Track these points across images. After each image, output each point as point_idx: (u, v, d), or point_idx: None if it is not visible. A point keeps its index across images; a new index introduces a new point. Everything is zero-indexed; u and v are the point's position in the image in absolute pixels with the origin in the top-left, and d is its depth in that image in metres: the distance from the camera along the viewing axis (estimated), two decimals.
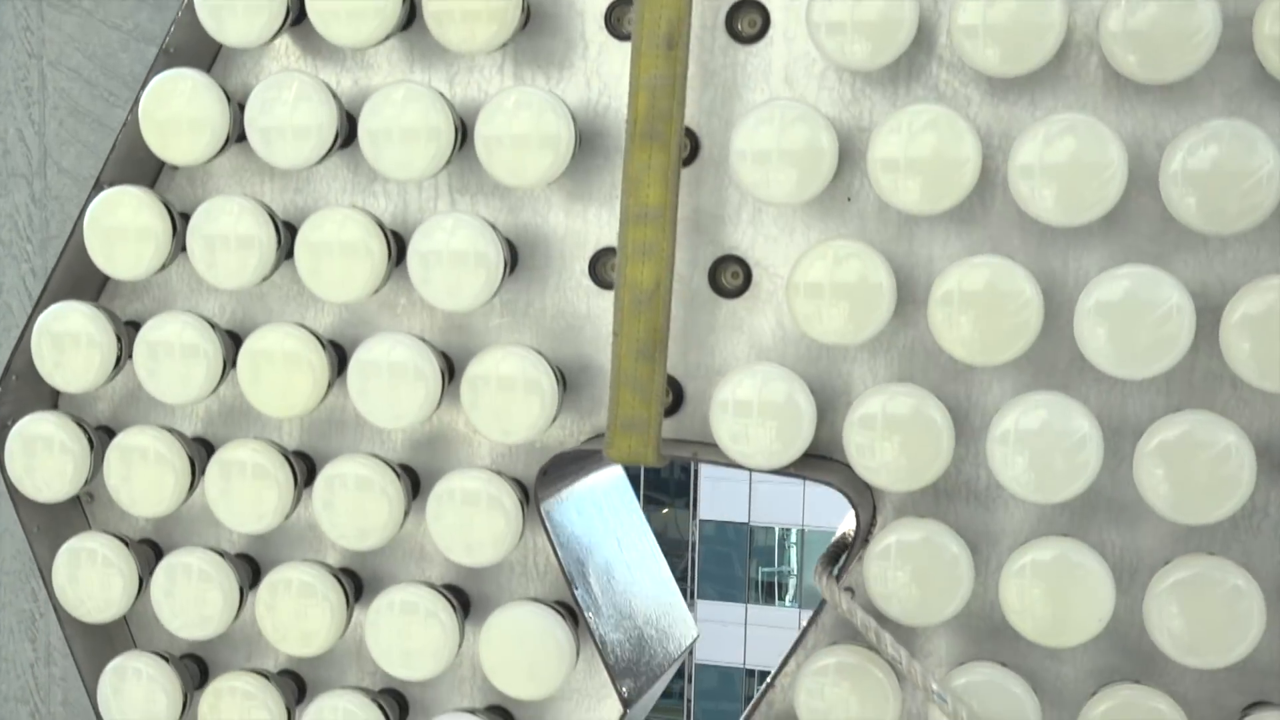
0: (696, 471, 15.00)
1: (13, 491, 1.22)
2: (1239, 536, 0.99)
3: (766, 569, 16.44)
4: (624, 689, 1.11)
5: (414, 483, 1.17)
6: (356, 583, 1.20)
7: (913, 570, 1.00)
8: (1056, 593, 0.97)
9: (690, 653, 1.34)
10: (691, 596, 15.08)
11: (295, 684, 1.23)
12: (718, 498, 15.96)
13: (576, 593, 1.10)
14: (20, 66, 1.40)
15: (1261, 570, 0.97)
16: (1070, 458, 0.96)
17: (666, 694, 1.37)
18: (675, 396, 1.11)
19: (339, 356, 1.16)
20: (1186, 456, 0.93)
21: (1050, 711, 1.03)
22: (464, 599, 1.17)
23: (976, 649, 1.04)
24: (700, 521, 16.18)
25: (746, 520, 16.07)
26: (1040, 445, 0.96)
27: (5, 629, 1.47)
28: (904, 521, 1.02)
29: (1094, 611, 0.97)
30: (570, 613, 1.13)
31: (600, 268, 1.13)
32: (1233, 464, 0.92)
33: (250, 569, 1.22)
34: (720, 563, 16.29)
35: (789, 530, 16.13)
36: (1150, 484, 0.94)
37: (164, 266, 1.17)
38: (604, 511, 1.26)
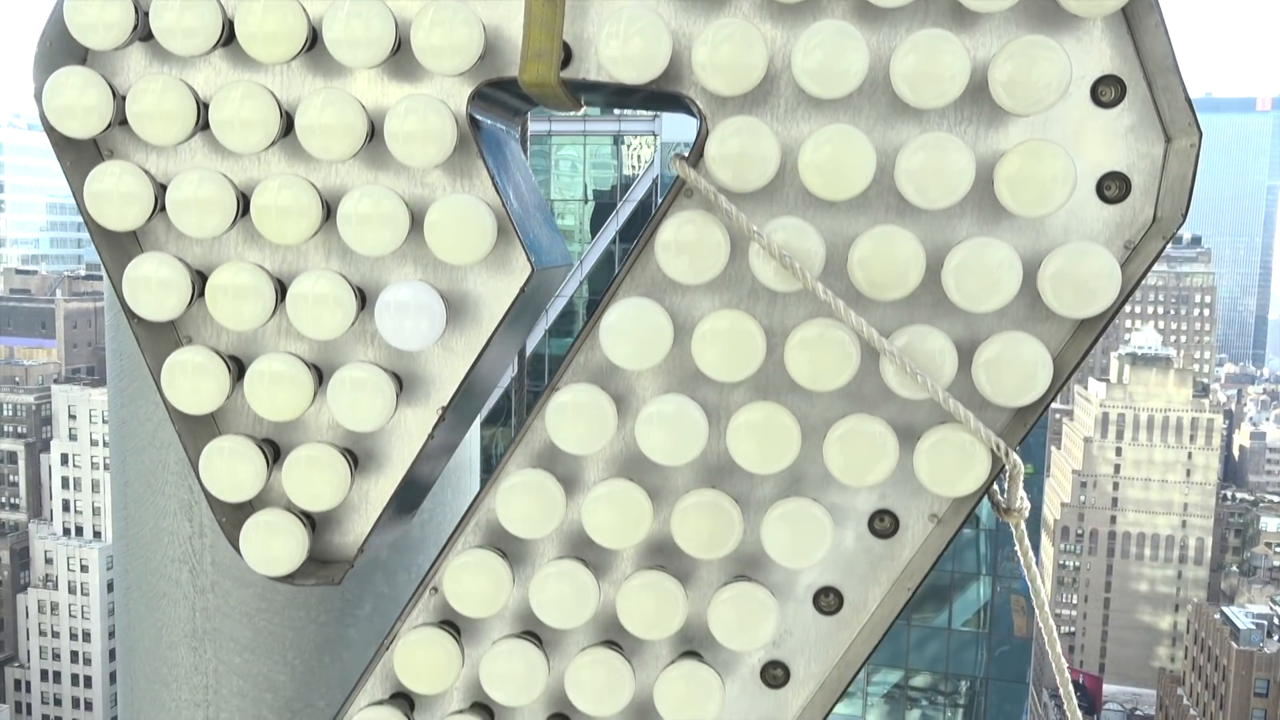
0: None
1: (49, 130, 1.45)
2: None
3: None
4: (530, 255, 1.41)
5: (373, 130, 1.44)
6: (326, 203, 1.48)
7: (738, 148, 1.31)
8: (834, 159, 1.30)
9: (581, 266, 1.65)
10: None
11: (282, 284, 1.50)
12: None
13: (496, 182, 1.40)
14: None
15: None
16: (843, 66, 1.28)
17: None
18: (568, 54, 1.40)
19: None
20: None
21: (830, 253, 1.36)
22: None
23: (784, 211, 1.37)
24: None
25: None
26: (822, 75, 1.28)
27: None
28: (732, 119, 1.33)
29: (864, 166, 1.29)
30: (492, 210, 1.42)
31: None
32: None
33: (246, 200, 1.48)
34: None
35: None
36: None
37: None
38: (513, 160, 1.56)
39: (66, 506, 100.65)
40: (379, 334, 1.44)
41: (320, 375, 1.50)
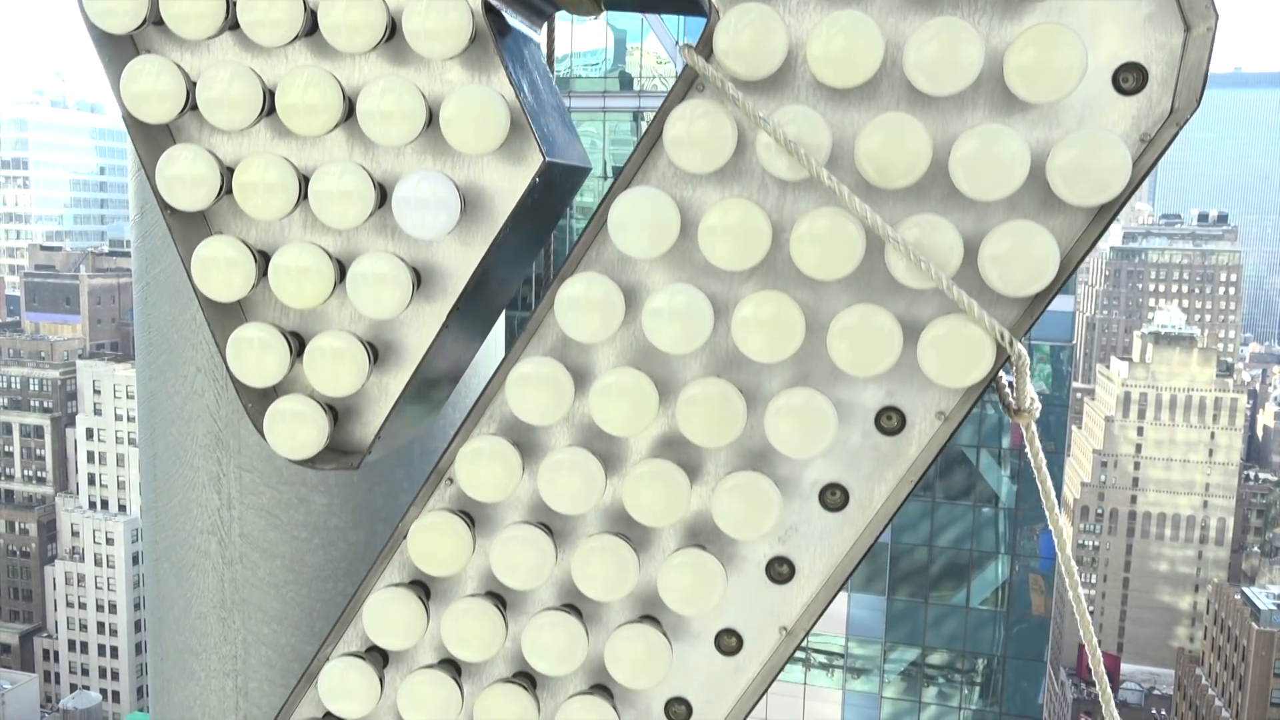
0: None
1: (90, 27, 1.50)
2: None
3: None
4: (542, 146, 1.44)
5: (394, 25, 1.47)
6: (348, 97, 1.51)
7: (749, 39, 1.34)
8: (846, 47, 1.31)
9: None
10: None
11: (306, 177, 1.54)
12: None
13: (511, 74, 1.43)
14: None
15: None
16: None
17: None
18: None
19: None
20: None
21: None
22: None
23: (793, 101, 1.39)
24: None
25: None
26: None
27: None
28: (743, 7, 1.35)
29: (874, 51, 1.31)
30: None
31: None
32: None
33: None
34: None
35: None
36: None
37: None
38: (531, 60, 1.59)
39: (92, 480, 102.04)
40: (397, 225, 1.48)
41: (342, 268, 1.54)
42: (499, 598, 1.57)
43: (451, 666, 1.59)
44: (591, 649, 1.54)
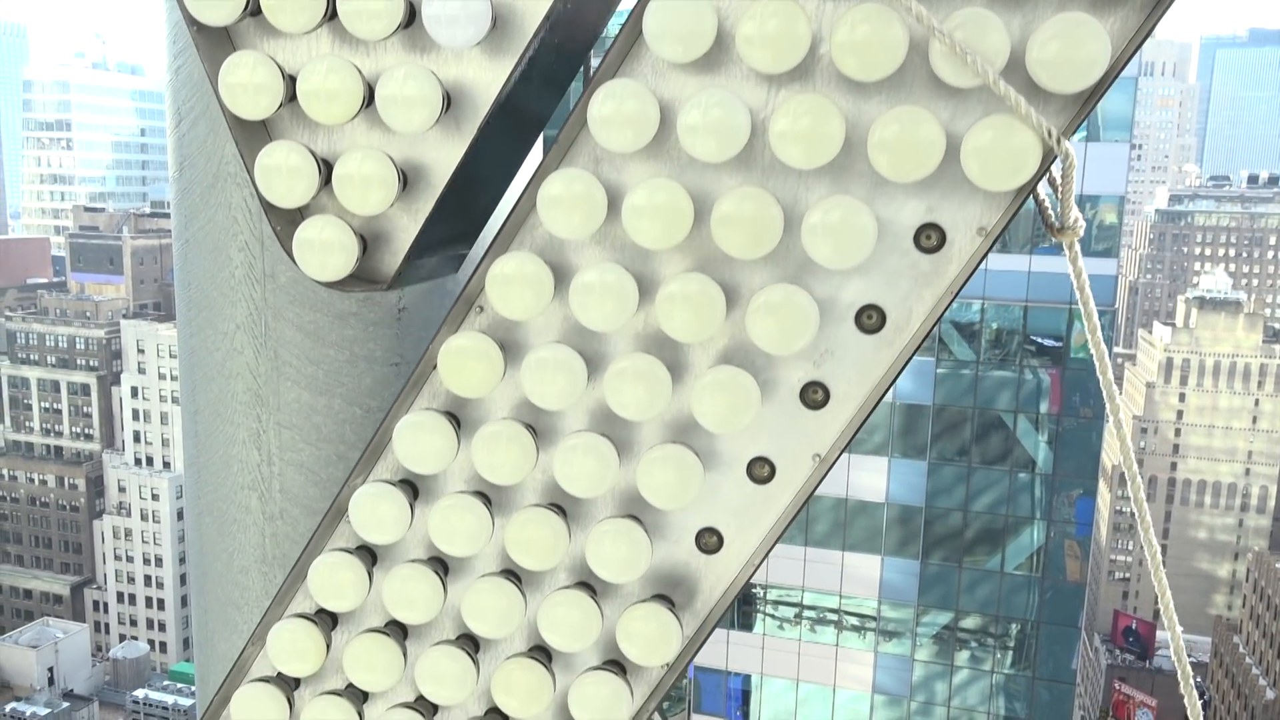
0: None
1: None
2: None
3: None
4: None
5: None
6: None
7: None
8: None
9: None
10: None
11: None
12: None
13: None
14: None
15: None
16: None
17: None
18: None
19: None
20: None
21: None
22: None
23: None
24: None
25: None
26: None
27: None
28: None
29: None
30: None
31: None
32: None
33: None
34: None
35: None
36: None
37: None
38: None
39: (137, 438, 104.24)
40: (426, 40, 1.45)
41: (370, 91, 1.52)
42: (530, 426, 1.56)
43: (482, 496, 1.58)
44: (623, 476, 1.53)
